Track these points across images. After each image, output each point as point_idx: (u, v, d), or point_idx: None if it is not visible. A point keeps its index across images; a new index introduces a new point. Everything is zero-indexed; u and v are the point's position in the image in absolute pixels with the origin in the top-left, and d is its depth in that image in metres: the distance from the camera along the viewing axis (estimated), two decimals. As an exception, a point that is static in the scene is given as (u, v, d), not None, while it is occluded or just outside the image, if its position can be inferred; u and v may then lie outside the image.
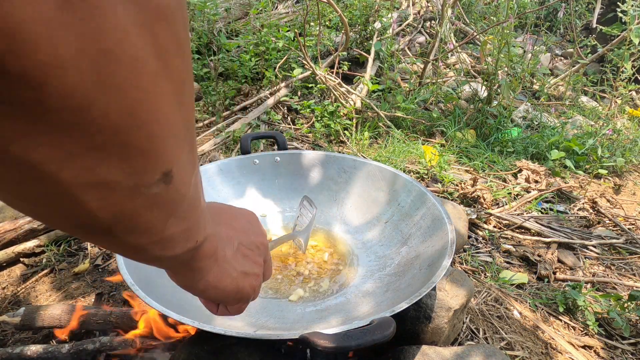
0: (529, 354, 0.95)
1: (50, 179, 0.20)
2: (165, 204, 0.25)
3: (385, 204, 1.03)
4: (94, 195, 0.21)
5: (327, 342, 0.53)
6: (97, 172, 0.20)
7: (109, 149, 0.20)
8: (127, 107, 0.19)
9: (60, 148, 0.19)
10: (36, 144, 0.18)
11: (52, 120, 0.18)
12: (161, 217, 0.26)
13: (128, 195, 0.23)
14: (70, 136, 0.19)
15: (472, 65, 2.77)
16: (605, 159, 1.90)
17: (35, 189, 0.20)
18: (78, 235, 0.27)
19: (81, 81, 0.17)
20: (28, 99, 0.17)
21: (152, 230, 0.26)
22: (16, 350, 0.83)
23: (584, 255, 1.36)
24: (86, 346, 0.84)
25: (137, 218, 0.24)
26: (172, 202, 0.26)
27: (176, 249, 0.30)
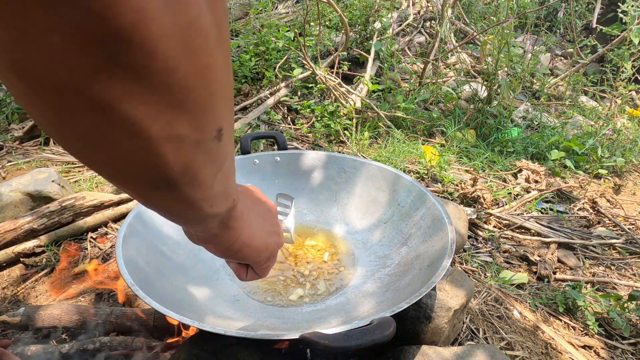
0: (529, 354, 0.95)
1: (143, 133, 0.23)
2: (216, 159, 0.30)
3: (385, 204, 1.03)
4: (171, 147, 0.25)
5: (327, 342, 0.53)
6: (175, 126, 0.24)
7: (184, 106, 0.24)
8: (199, 68, 0.23)
9: (153, 105, 0.23)
10: (138, 102, 0.22)
11: (152, 81, 0.22)
12: (213, 172, 0.30)
13: (194, 148, 0.27)
14: (161, 94, 0.22)
15: (472, 65, 2.77)
16: (605, 159, 1.90)
17: (127, 145, 0.24)
18: (145, 192, 0.30)
19: (175, 48, 0.21)
20: (139, 63, 0.20)
21: (205, 183, 0.31)
22: (17, 350, 0.83)
23: (584, 255, 1.36)
24: (86, 346, 0.84)
25: (197, 171, 0.29)
26: (221, 157, 0.30)
27: (220, 206, 0.36)
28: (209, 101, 0.25)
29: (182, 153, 0.26)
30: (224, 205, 0.36)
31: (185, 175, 0.28)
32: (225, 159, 0.32)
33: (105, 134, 0.23)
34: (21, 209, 1.32)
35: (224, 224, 0.39)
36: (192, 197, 0.31)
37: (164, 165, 0.26)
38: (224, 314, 0.79)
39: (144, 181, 0.28)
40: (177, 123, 0.24)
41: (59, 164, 1.76)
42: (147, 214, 0.90)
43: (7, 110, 2.11)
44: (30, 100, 0.22)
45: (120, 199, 1.40)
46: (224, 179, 0.33)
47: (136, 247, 0.81)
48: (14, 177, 1.49)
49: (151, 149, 0.25)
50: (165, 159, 0.26)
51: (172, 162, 0.26)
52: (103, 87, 0.21)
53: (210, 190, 0.32)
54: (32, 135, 1.98)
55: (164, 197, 0.30)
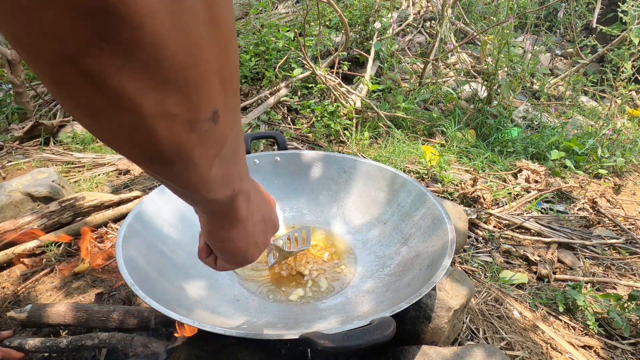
0: (529, 354, 0.95)
1: (135, 108, 0.24)
2: (212, 142, 0.30)
3: (385, 204, 1.03)
4: (163, 125, 0.26)
5: (327, 342, 0.53)
6: (166, 104, 0.25)
7: (176, 84, 0.24)
8: (188, 47, 0.24)
9: (143, 82, 0.23)
10: (129, 78, 0.23)
11: (142, 56, 0.22)
12: (209, 155, 0.31)
13: (187, 128, 0.27)
14: (151, 71, 0.23)
15: (472, 65, 2.77)
16: (605, 159, 1.90)
17: (122, 119, 0.25)
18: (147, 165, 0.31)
19: (162, 24, 0.22)
20: (128, 38, 0.21)
21: (202, 167, 0.31)
22: (14, 342, 0.84)
23: (584, 255, 1.36)
24: (85, 342, 0.84)
25: (192, 152, 0.29)
26: (218, 142, 0.31)
27: (218, 193, 0.36)
28: (201, 81, 0.26)
29: (175, 132, 0.27)
30: (223, 192, 0.37)
31: (179, 155, 0.28)
32: (224, 144, 0.32)
33: (101, 107, 0.24)
34: (21, 209, 1.32)
35: (224, 213, 0.40)
36: (188, 178, 0.32)
37: (158, 143, 0.27)
38: (224, 314, 0.79)
39: (142, 155, 0.29)
40: (169, 101, 0.25)
41: (59, 164, 1.76)
42: (147, 214, 0.90)
43: (7, 110, 2.10)
44: (33, 70, 0.23)
45: (120, 199, 1.40)
46: (223, 164, 0.33)
47: (136, 247, 0.81)
48: (14, 177, 1.49)
49: (144, 125, 0.25)
50: (158, 136, 0.26)
51: (165, 139, 0.27)
52: (94, 61, 0.21)
53: (207, 174, 0.32)
54: (32, 135, 1.98)
55: (163, 172, 0.31)
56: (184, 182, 0.32)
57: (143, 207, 0.90)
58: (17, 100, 2.08)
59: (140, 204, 0.90)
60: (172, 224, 0.93)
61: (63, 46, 0.21)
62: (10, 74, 1.97)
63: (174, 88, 0.25)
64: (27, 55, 0.22)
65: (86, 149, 1.91)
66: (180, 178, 0.32)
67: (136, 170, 1.70)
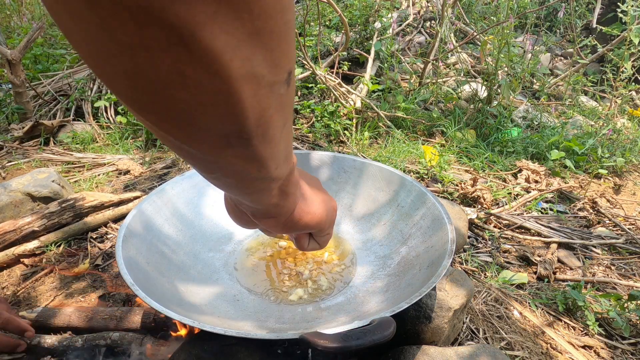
0: (529, 354, 0.95)
1: (224, 70, 0.22)
2: (285, 106, 0.29)
3: (385, 204, 1.03)
4: (249, 89, 0.24)
5: (327, 342, 0.53)
6: (253, 63, 0.23)
7: (262, 36, 0.23)
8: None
9: (234, 35, 0.21)
10: (220, 30, 0.21)
11: (231, 3, 0.20)
12: (281, 123, 0.29)
13: (269, 92, 0.26)
14: (243, 20, 0.21)
15: (472, 65, 2.77)
16: (605, 159, 1.90)
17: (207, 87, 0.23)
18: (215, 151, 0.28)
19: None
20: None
21: (275, 137, 0.29)
22: (34, 341, 0.86)
23: (584, 255, 1.36)
24: (98, 341, 0.86)
25: (270, 121, 0.28)
26: (288, 106, 0.29)
27: (283, 168, 0.35)
28: (284, 33, 0.24)
29: (259, 97, 0.25)
30: (286, 167, 0.35)
31: (260, 126, 0.27)
32: (291, 110, 0.31)
33: (185, 76, 0.22)
34: (21, 209, 1.32)
35: (283, 191, 0.38)
36: (262, 154, 0.30)
37: (241, 113, 0.25)
38: (224, 314, 0.79)
39: (216, 135, 0.26)
40: (255, 59, 0.23)
41: (59, 164, 1.76)
42: (147, 214, 0.90)
43: (7, 110, 2.11)
44: (101, 43, 0.21)
45: (120, 200, 1.40)
46: (287, 135, 0.32)
47: (136, 247, 0.81)
48: (14, 177, 1.49)
49: (230, 92, 0.24)
50: (243, 105, 0.25)
51: (249, 108, 0.25)
52: (185, 9, 0.19)
53: (278, 146, 0.31)
54: (32, 135, 1.98)
55: (234, 155, 0.29)
56: (254, 161, 0.30)
57: (143, 207, 0.90)
58: (17, 100, 2.08)
59: (140, 204, 0.90)
60: (172, 224, 0.93)
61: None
62: (10, 74, 1.97)
63: (260, 42, 0.23)
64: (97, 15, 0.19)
65: (86, 149, 1.91)
66: (252, 156, 0.29)
67: (136, 170, 1.70)
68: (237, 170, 0.31)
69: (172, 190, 0.98)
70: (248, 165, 0.31)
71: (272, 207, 0.39)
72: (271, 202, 0.38)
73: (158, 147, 1.96)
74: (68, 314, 0.93)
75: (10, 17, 3.57)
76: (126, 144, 1.95)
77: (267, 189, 0.36)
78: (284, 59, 0.26)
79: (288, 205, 0.40)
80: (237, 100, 0.24)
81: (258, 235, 1.02)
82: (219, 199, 1.05)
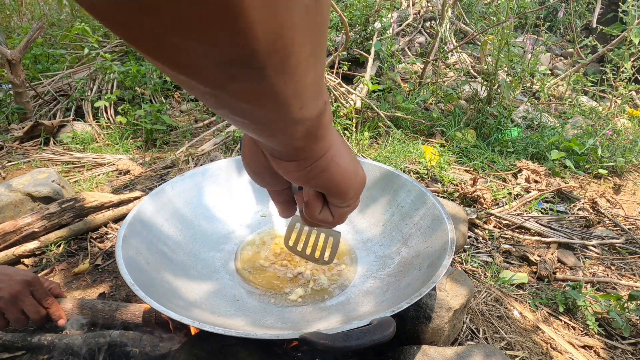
0: (529, 354, 0.95)
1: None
2: (314, 28, 0.22)
3: (385, 204, 1.03)
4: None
5: (327, 342, 0.53)
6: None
7: None
8: None
9: None
10: None
11: None
12: (307, 50, 0.23)
13: (289, 2, 0.20)
14: None
15: (472, 65, 2.77)
16: (605, 159, 1.90)
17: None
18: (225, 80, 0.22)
19: None
20: None
21: (299, 68, 0.23)
22: (34, 339, 0.86)
23: (584, 255, 1.36)
24: (98, 339, 0.86)
25: (291, 43, 0.21)
26: (318, 27, 0.23)
27: (311, 107, 0.28)
28: None
29: (274, 8, 0.19)
30: (314, 106, 0.29)
31: (277, 50, 0.21)
32: (323, 31, 0.24)
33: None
34: (21, 209, 1.32)
35: (312, 134, 0.31)
36: (281, 90, 0.23)
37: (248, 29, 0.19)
38: (224, 313, 0.79)
39: (217, 62, 0.20)
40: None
41: (59, 164, 1.76)
42: (147, 215, 0.90)
43: (7, 110, 2.11)
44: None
45: (120, 200, 1.40)
46: (317, 64, 0.25)
47: (136, 247, 0.81)
48: (14, 177, 1.49)
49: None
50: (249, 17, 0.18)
51: (259, 22, 0.19)
52: None
53: (303, 80, 0.24)
54: (32, 135, 1.99)
55: (244, 91, 0.23)
56: (272, 99, 0.24)
57: (143, 207, 0.90)
58: (17, 100, 2.08)
59: (140, 204, 0.90)
60: (172, 224, 0.94)
61: None
62: (10, 74, 1.97)
63: None
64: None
65: (86, 149, 1.91)
66: (268, 94, 0.23)
67: (136, 170, 1.70)
68: (250, 110, 0.25)
69: (172, 190, 0.98)
70: (262, 105, 0.25)
71: (296, 150, 0.33)
72: (296, 145, 0.32)
73: (158, 147, 1.96)
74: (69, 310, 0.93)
75: (10, 17, 3.57)
76: (126, 144, 1.95)
77: (290, 132, 0.29)
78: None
79: (317, 149, 0.33)
80: (240, 7, 0.18)
81: (258, 234, 1.02)
82: (219, 199, 1.06)
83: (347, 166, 0.37)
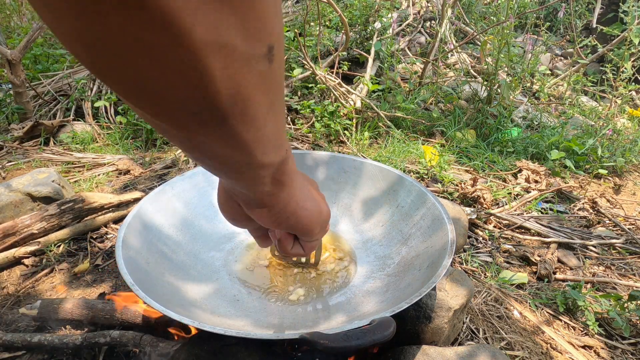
0: (529, 354, 0.95)
1: (185, 37, 0.20)
2: (269, 86, 0.26)
3: (385, 204, 1.03)
4: (219, 60, 0.22)
5: (327, 342, 0.53)
6: (221, 31, 0.21)
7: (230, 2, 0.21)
8: None
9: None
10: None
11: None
12: (265, 103, 0.27)
13: (244, 66, 0.23)
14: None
15: (472, 65, 2.77)
16: (605, 159, 1.90)
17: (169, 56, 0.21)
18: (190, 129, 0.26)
19: None
20: None
21: (258, 118, 0.27)
22: (34, 339, 0.86)
23: (584, 255, 1.36)
24: (98, 339, 0.86)
25: (249, 99, 0.25)
26: (274, 86, 0.27)
27: (272, 154, 0.32)
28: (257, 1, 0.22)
29: (231, 70, 0.23)
30: (276, 153, 0.32)
31: (236, 103, 0.25)
32: (278, 91, 0.28)
33: (143, 40, 0.20)
34: (21, 209, 1.32)
35: (278, 180, 0.35)
36: (243, 136, 0.27)
37: (212, 86, 0.23)
38: (224, 314, 0.79)
39: (188, 112, 0.24)
40: (224, 26, 0.21)
41: (59, 164, 1.76)
42: (147, 215, 0.90)
43: (7, 110, 2.11)
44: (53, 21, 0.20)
45: (120, 201, 1.40)
46: (276, 117, 0.29)
47: (136, 247, 0.81)
48: (14, 177, 1.49)
49: (196, 61, 0.21)
50: (213, 77, 0.22)
51: (220, 81, 0.23)
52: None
53: (263, 129, 0.28)
54: (32, 135, 1.98)
55: (212, 135, 0.26)
56: (237, 145, 0.28)
57: (143, 207, 0.90)
58: (17, 100, 2.08)
59: (140, 204, 0.90)
60: (172, 225, 0.94)
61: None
62: (10, 74, 1.97)
63: (230, 6, 0.21)
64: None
65: (86, 149, 1.91)
66: (232, 139, 0.27)
67: (136, 170, 1.70)
68: (218, 153, 0.29)
69: (172, 191, 0.98)
70: (229, 148, 0.28)
71: (265, 195, 0.37)
72: (264, 190, 0.36)
73: (158, 147, 1.96)
74: (69, 310, 0.93)
75: (10, 17, 3.57)
76: (126, 144, 1.95)
77: (257, 176, 0.33)
78: (261, 30, 0.23)
79: (283, 195, 0.38)
80: (205, 72, 0.22)
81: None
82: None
83: (312, 207, 0.42)
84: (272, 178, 0.35)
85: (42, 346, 0.87)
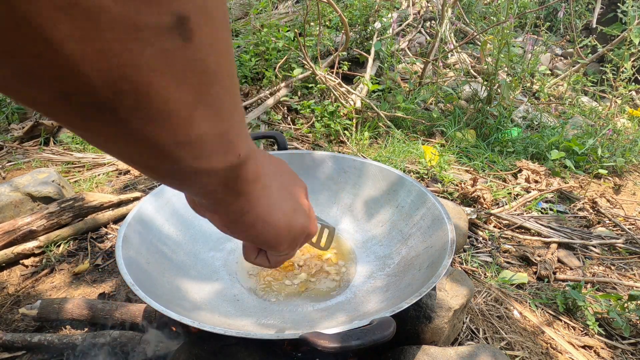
0: (529, 354, 0.95)
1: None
2: (187, 73, 0.20)
3: (385, 204, 1.03)
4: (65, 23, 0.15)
5: (327, 342, 0.53)
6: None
7: None
8: None
9: None
10: None
11: None
12: (185, 97, 0.20)
13: (125, 38, 0.17)
14: None
15: (472, 65, 2.77)
16: (605, 159, 1.90)
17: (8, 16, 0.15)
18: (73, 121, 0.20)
19: None
20: None
21: (175, 116, 0.20)
22: (34, 339, 0.86)
23: (584, 255, 1.36)
24: (98, 339, 0.86)
25: (147, 86, 0.18)
26: (197, 73, 0.20)
27: (213, 160, 0.25)
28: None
29: (98, 43, 0.16)
30: (221, 158, 0.26)
31: (124, 94, 0.18)
32: (210, 80, 0.21)
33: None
34: (21, 209, 1.32)
35: (231, 188, 0.29)
36: (157, 139, 0.21)
37: (65, 60, 0.16)
38: (224, 313, 0.79)
39: (54, 89, 0.18)
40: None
41: (59, 164, 1.76)
42: (147, 215, 0.90)
43: (7, 110, 2.11)
44: None
45: (120, 200, 1.40)
46: (212, 117, 0.22)
47: (136, 247, 0.81)
48: (14, 177, 1.49)
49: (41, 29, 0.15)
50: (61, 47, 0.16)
51: (80, 55, 0.16)
52: None
53: (188, 129, 0.21)
54: (32, 135, 1.98)
55: (109, 132, 0.20)
56: (154, 149, 0.21)
57: (143, 207, 0.90)
58: (17, 101, 2.07)
59: (140, 204, 0.90)
60: (172, 224, 0.93)
61: None
62: (10, 74, 1.97)
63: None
64: None
65: (86, 149, 1.91)
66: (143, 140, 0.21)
67: (136, 170, 1.70)
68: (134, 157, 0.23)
69: (172, 190, 0.98)
70: (136, 147, 0.22)
71: (215, 201, 0.30)
72: (212, 197, 0.30)
73: (158, 147, 1.96)
74: (69, 310, 0.93)
75: (10, 17, 3.56)
76: (126, 144, 1.95)
77: (197, 183, 0.27)
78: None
79: (238, 205, 0.31)
80: (48, 38, 0.15)
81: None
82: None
83: (279, 222, 0.35)
84: (223, 185, 0.28)
85: (42, 346, 0.87)
